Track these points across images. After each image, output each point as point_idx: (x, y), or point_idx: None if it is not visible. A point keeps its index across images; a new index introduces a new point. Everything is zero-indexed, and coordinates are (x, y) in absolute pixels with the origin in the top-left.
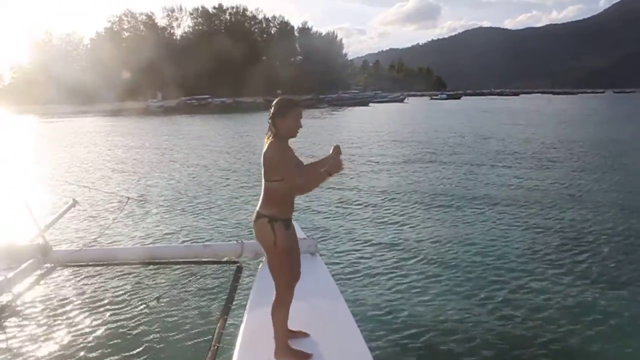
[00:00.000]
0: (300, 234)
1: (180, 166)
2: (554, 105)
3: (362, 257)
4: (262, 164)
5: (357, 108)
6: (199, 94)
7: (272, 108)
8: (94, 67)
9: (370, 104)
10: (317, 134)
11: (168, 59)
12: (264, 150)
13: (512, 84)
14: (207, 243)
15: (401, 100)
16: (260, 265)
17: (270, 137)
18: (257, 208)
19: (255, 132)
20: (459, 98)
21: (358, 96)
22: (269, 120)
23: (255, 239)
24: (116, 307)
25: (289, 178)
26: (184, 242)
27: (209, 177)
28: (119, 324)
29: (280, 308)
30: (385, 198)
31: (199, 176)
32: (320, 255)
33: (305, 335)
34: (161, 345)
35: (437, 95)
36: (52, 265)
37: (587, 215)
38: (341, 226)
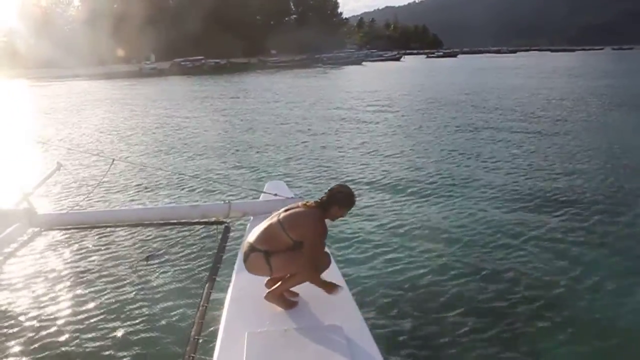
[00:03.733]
0: None
1: (169, 127)
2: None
3: (355, 222)
4: (290, 218)
5: (352, 67)
6: (192, 55)
7: (339, 193)
8: (85, 29)
9: (366, 63)
10: (309, 94)
11: (161, 20)
12: (304, 211)
13: (509, 42)
14: (194, 204)
15: (398, 59)
16: (248, 225)
17: (314, 205)
18: (250, 240)
19: (247, 94)
20: (455, 56)
21: (353, 55)
22: (327, 197)
23: (248, 270)
24: (103, 269)
25: (312, 261)
26: (171, 203)
27: (196, 138)
28: (106, 286)
29: (307, 276)
30: (381, 161)
31: (187, 137)
32: None
33: (295, 294)
34: (150, 307)
35: (433, 53)
36: (38, 229)
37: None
38: None
